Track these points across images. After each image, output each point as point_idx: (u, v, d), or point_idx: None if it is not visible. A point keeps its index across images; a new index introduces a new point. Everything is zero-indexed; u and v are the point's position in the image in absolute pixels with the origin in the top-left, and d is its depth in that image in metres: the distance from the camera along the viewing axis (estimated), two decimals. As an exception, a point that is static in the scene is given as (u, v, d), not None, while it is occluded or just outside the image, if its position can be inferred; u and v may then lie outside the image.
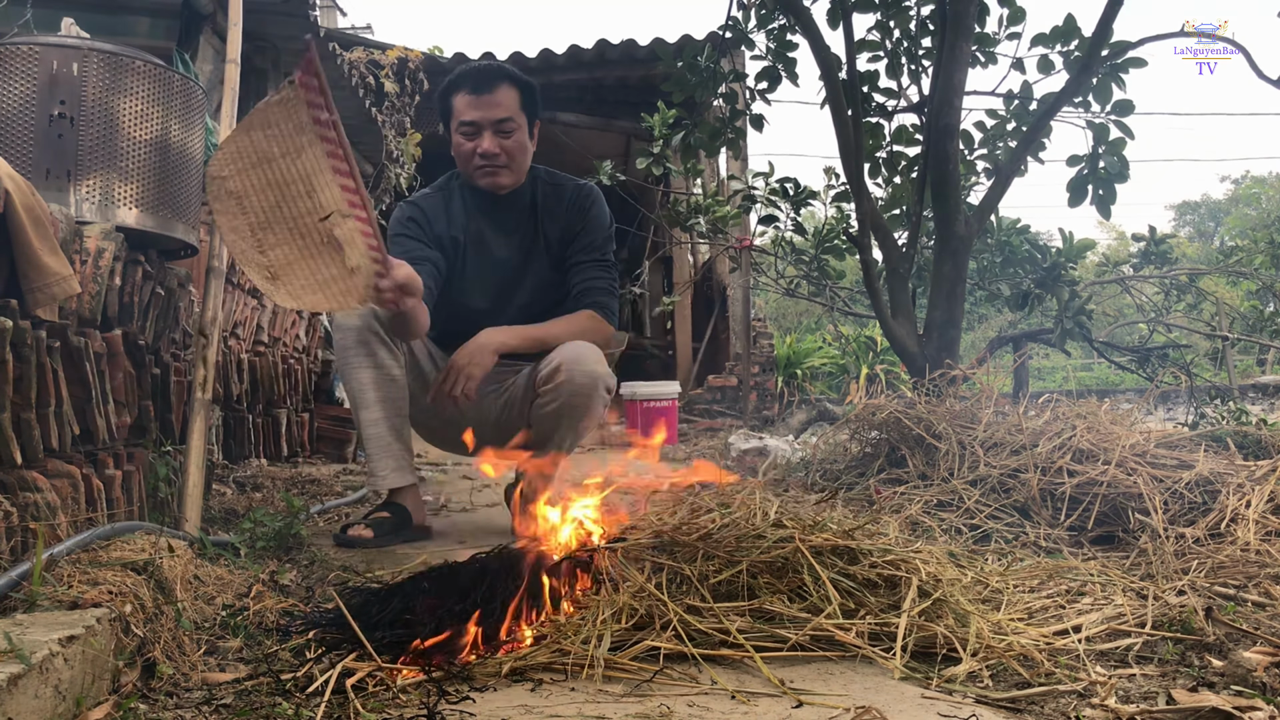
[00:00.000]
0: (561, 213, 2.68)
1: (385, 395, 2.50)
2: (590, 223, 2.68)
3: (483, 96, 2.52)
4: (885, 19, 4.14)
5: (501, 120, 2.54)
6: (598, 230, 2.69)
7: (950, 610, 1.51)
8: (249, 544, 2.16)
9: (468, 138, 2.56)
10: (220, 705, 1.25)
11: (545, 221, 2.68)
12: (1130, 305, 6.22)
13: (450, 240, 2.64)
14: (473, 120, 2.54)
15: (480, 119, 2.54)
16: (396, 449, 2.54)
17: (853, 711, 1.21)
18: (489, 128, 2.54)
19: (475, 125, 2.55)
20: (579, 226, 2.67)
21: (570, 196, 2.69)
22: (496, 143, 2.55)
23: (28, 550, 1.60)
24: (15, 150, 2.14)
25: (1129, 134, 3.83)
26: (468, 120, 2.55)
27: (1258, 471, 2.38)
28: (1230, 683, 1.31)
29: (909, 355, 3.65)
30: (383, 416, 2.50)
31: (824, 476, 3.11)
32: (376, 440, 2.52)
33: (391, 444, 2.53)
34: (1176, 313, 5.58)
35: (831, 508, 1.80)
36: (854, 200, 3.87)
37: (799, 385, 9.83)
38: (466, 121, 2.55)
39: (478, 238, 2.66)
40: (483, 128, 2.54)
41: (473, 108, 2.54)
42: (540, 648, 1.43)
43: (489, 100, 2.53)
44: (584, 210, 2.68)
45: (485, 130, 2.54)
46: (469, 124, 2.55)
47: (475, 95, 2.53)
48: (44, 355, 1.82)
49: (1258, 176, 28.27)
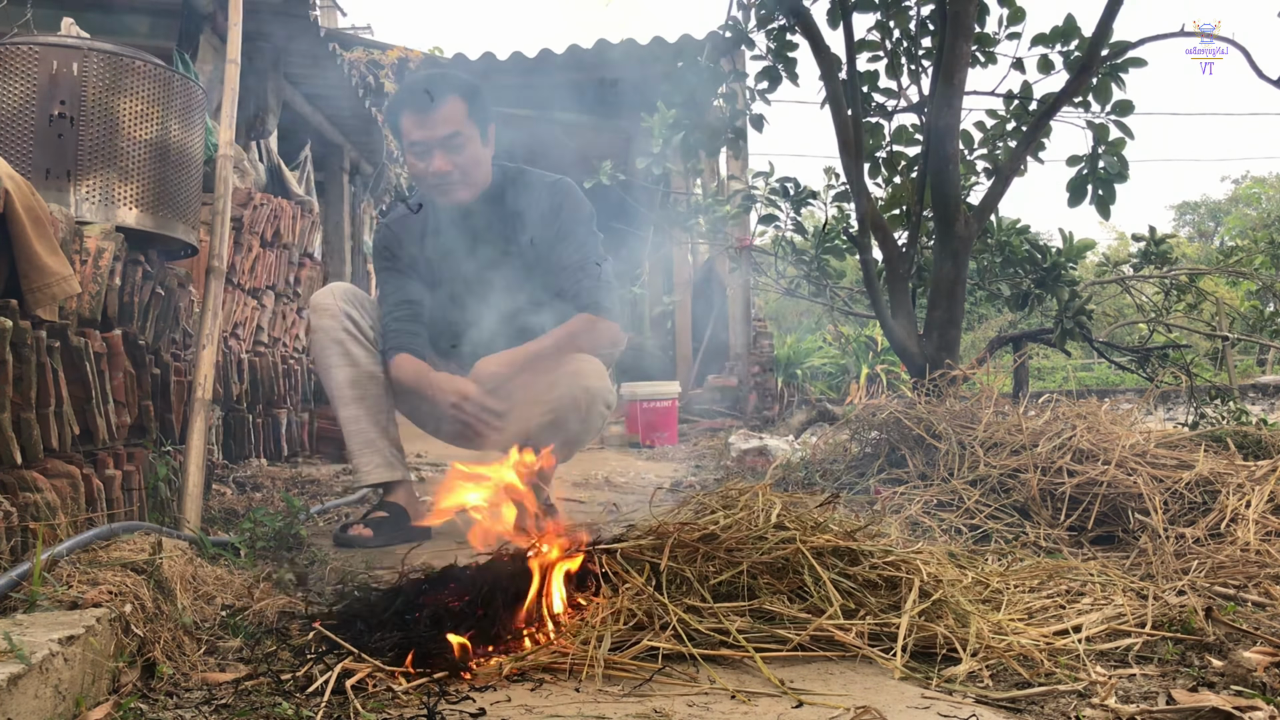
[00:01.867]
0: (533, 215, 2.63)
1: (364, 393, 2.52)
2: (564, 223, 2.61)
3: (427, 115, 2.47)
4: (885, 19, 4.14)
5: (449, 136, 2.48)
6: (575, 226, 2.62)
7: (950, 610, 1.51)
8: (249, 544, 2.16)
9: (419, 157, 2.52)
10: (220, 705, 1.25)
11: (514, 224, 2.63)
12: (1130, 305, 6.22)
13: (422, 258, 2.65)
14: (420, 140, 2.50)
15: (427, 138, 2.49)
16: (381, 444, 2.55)
17: (853, 711, 1.21)
18: (437, 145, 2.49)
19: (423, 144, 2.50)
20: (554, 226, 2.61)
21: (540, 197, 2.63)
22: (447, 159, 2.50)
23: (28, 550, 1.60)
24: (15, 150, 2.14)
25: (1129, 134, 3.83)
26: (415, 141, 2.50)
27: (1258, 471, 2.38)
28: (1230, 683, 1.31)
29: (909, 355, 3.65)
30: (363, 414, 2.53)
31: (824, 477, 3.11)
32: (358, 436, 2.54)
33: (375, 439, 2.54)
34: (1176, 313, 5.57)
35: (833, 509, 1.80)
36: (854, 200, 3.87)
37: (799, 385, 9.83)
38: (414, 142, 2.51)
39: (447, 251, 2.64)
40: (431, 146, 2.49)
41: (418, 127, 2.49)
42: (540, 648, 1.43)
43: (433, 118, 2.47)
44: (556, 209, 2.62)
45: (434, 149, 2.49)
46: (417, 144, 2.51)
47: (419, 114, 2.48)
48: (44, 355, 1.82)
49: (1258, 176, 28.27)
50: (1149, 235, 5.08)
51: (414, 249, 2.65)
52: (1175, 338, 5.65)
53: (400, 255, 2.65)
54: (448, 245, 2.64)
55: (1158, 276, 5.36)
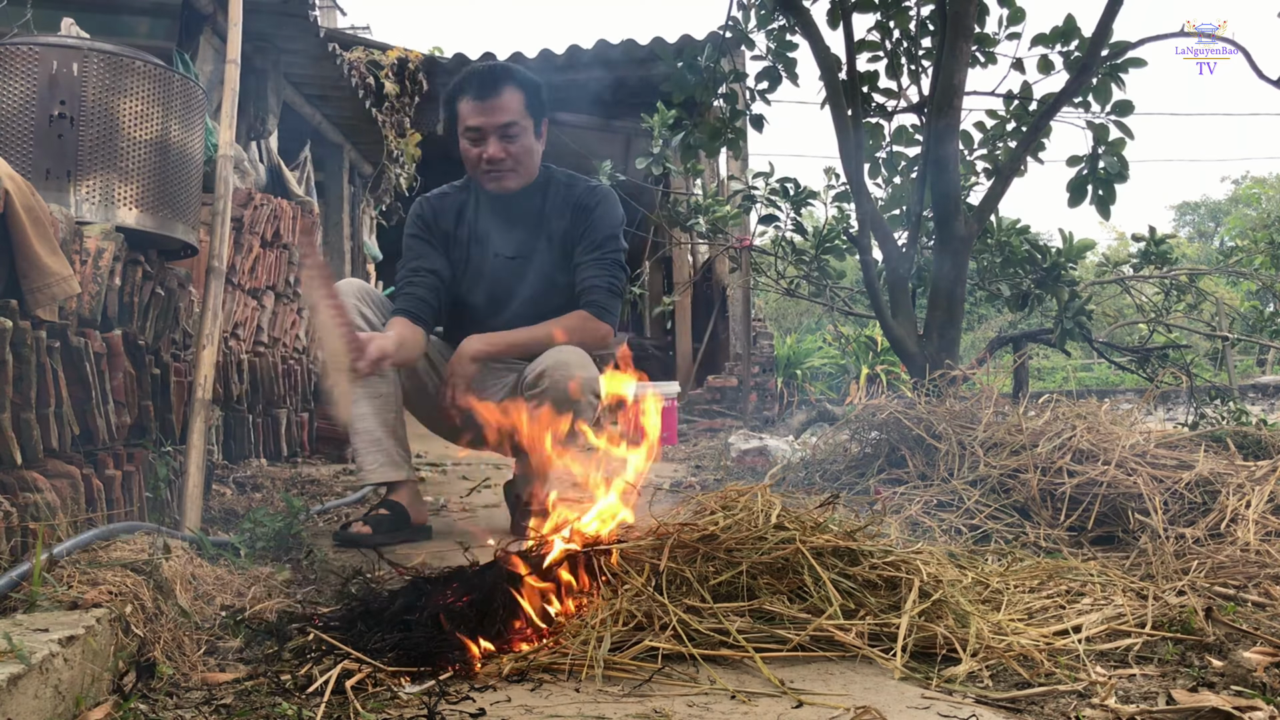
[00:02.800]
0: (568, 211, 2.68)
1: (372, 392, 2.52)
2: (594, 221, 2.66)
3: (487, 101, 2.52)
4: (885, 19, 4.14)
5: (506, 125, 2.54)
6: (602, 228, 2.67)
7: (950, 611, 1.51)
8: (249, 544, 2.16)
9: (473, 143, 2.57)
10: (220, 705, 1.25)
11: (551, 220, 2.68)
12: (1130, 305, 6.22)
13: (455, 238, 2.68)
14: (477, 126, 2.54)
15: (484, 124, 2.54)
16: (387, 444, 2.55)
17: (852, 711, 1.21)
18: (493, 133, 2.54)
19: (480, 131, 2.54)
20: (583, 225, 2.66)
21: (578, 196, 2.69)
22: (502, 147, 2.55)
23: (28, 550, 1.60)
24: (15, 150, 2.14)
25: (1129, 134, 3.83)
26: (472, 126, 2.55)
27: (1258, 472, 2.38)
28: (1230, 683, 1.31)
29: (909, 355, 3.65)
30: (370, 412, 2.53)
31: (824, 477, 3.11)
32: (365, 435, 2.55)
33: (381, 439, 2.55)
34: (1176, 313, 5.57)
35: (833, 509, 1.80)
36: (854, 200, 3.87)
37: (799, 385, 9.83)
38: (471, 127, 2.55)
39: (482, 235, 2.68)
40: (487, 133, 2.54)
41: (477, 113, 2.54)
42: (540, 648, 1.43)
43: (493, 105, 2.52)
44: (589, 209, 2.67)
45: (490, 135, 2.54)
46: (473, 129, 2.55)
47: (479, 100, 2.53)
48: (44, 355, 1.82)
49: (1258, 176, 28.27)
50: (1149, 235, 5.08)
51: (449, 227, 2.68)
52: (1175, 338, 5.65)
53: (434, 229, 2.68)
54: (486, 230, 2.68)
55: (1158, 276, 5.36)
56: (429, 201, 2.73)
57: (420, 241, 2.67)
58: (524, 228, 2.68)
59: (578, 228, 2.67)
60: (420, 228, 2.69)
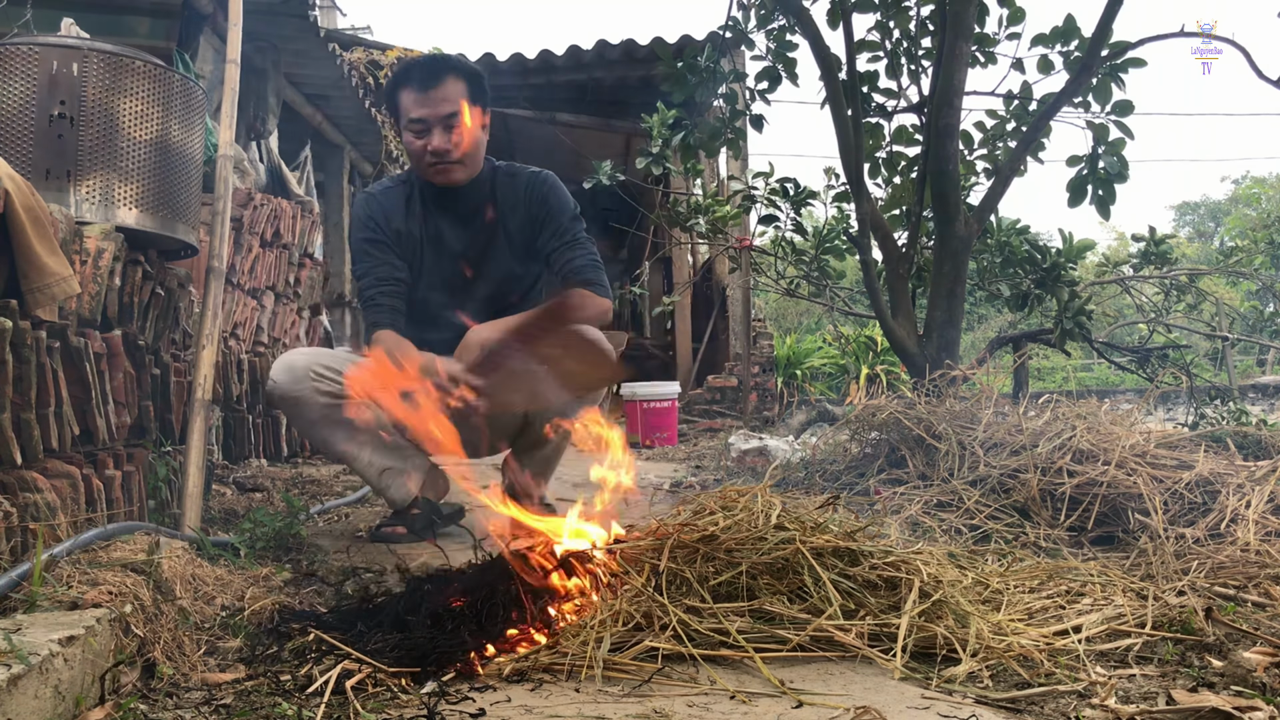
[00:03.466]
0: (519, 203, 2.64)
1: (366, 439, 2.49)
2: (553, 209, 2.64)
3: (429, 93, 2.46)
4: (885, 19, 4.14)
5: (450, 115, 2.47)
6: (562, 214, 2.64)
7: (950, 611, 1.51)
8: (249, 544, 2.16)
9: (417, 135, 2.50)
10: (220, 705, 1.25)
11: (504, 213, 2.64)
12: (1130, 305, 6.21)
13: (407, 235, 2.60)
14: (421, 117, 2.48)
15: (428, 115, 2.47)
16: (396, 465, 2.54)
17: (852, 712, 1.21)
18: (438, 124, 2.48)
19: (424, 122, 2.48)
20: (542, 215, 2.63)
21: (526, 185, 2.65)
22: (447, 139, 2.48)
23: (28, 550, 1.60)
24: (15, 150, 2.14)
25: (1129, 134, 3.83)
26: (416, 118, 2.48)
27: (1258, 472, 2.38)
28: (1230, 683, 1.31)
29: (909, 355, 3.65)
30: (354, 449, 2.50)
31: (824, 477, 3.11)
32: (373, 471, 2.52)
33: (390, 465, 2.53)
34: (1176, 313, 5.58)
35: (833, 509, 1.80)
36: (854, 200, 3.87)
37: (799, 385, 9.83)
38: (415, 119, 2.48)
39: (435, 233, 2.61)
40: (432, 124, 2.48)
41: (420, 104, 2.47)
42: (540, 649, 1.43)
43: (436, 96, 2.46)
44: (543, 198, 2.64)
45: (434, 127, 2.48)
46: (417, 121, 2.48)
47: (421, 92, 2.46)
48: (44, 355, 1.82)
49: (1258, 176, 28.28)
50: (1149, 235, 5.08)
51: (400, 225, 2.59)
52: (1175, 338, 5.65)
53: (386, 229, 2.58)
54: (437, 226, 2.61)
55: (1158, 277, 5.36)
56: (375, 200, 2.62)
57: (377, 245, 2.56)
58: (477, 222, 2.62)
59: (535, 218, 2.63)
60: (374, 229, 2.57)
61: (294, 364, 2.44)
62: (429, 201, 2.62)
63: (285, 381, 2.42)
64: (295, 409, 2.45)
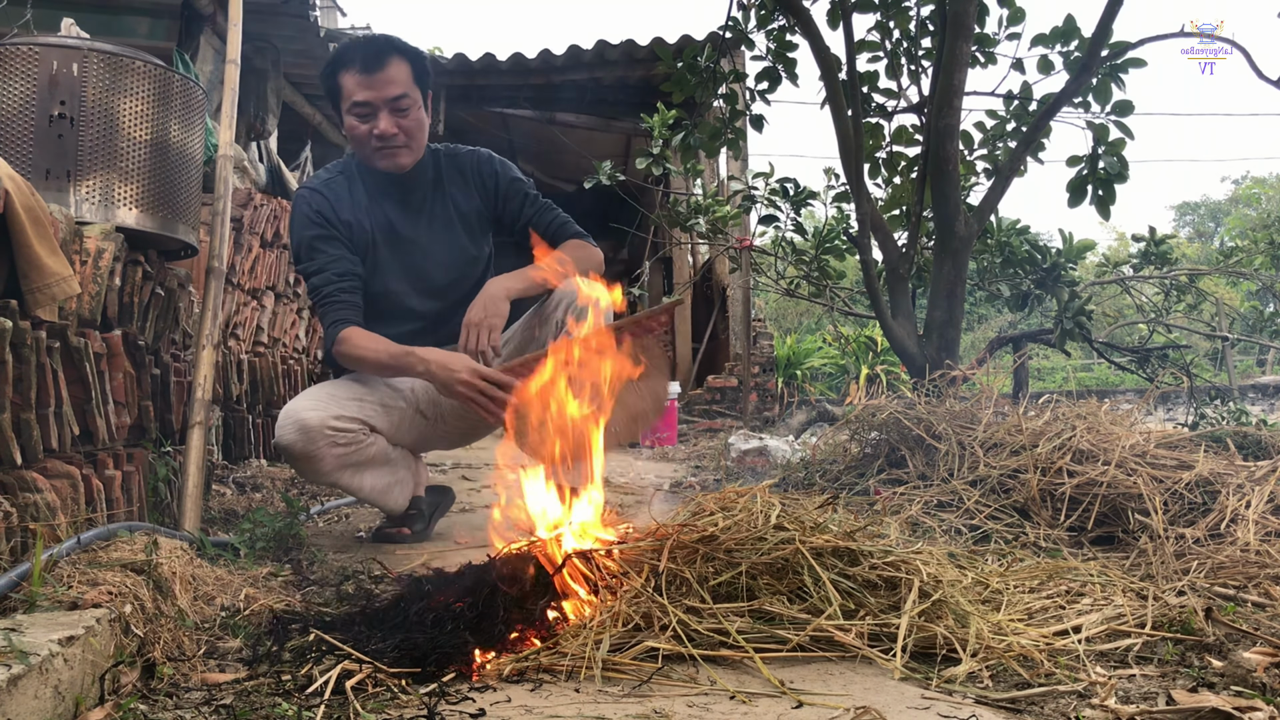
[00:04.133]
0: (466, 181, 2.60)
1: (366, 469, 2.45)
2: (507, 180, 2.61)
3: (374, 75, 2.37)
4: (885, 19, 4.14)
5: (396, 98, 2.39)
6: (520, 183, 2.61)
7: (950, 611, 1.51)
8: (249, 544, 2.16)
9: (361, 119, 2.41)
10: (220, 705, 1.25)
11: (453, 194, 2.59)
12: (1130, 305, 6.22)
13: (358, 227, 2.49)
14: (365, 100, 2.39)
15: (373, 98, 2.39)
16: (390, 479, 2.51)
17: (852, 712, 1.21)
18: (383, 107, 2.40)
19: (369, 105, 2.39)
20: (497, 188, 2.60)
21: (469, 164, 2.60)
22: (393, 122, 2.41)
23: (28, 550, 1.60)
24: (15, 150, 2.14)
25: (1129, 134, 3.83)
26: (360, 101, 2.39)
27: (1258, 472, 2.38)
28: (1230, 683, 1.31)
29: (909, 355, 3.65)
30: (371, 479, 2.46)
31: (824, 477, 3.11)
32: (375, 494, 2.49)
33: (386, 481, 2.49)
34: (1176, 313, 5.58)
35: (832, 509, 1.80)
36: (854, 200, 3.87)
37: (799, 386, 9.83)
38: (359, 102, 2.39)
39: (385, 222, 2.53)
40: (377, 108, 2.40)
41: (364, 87, 2.38)
42: (540, 649, 1.43)
43: (381, 78, 2.38)
44: (493, 173, 2.60)
45: (380, 110, 2.40)
46: (362, 104, 2.39)
47: (366, 74, 2.38)
48: (44, 355, 1.82)
49: (1258, 177, 28.28)
50: (1149, 236, 5.08)
51: (349, 216, 2.48)
52: (1175, 338, 5.65)
53: (336, 222, 2.45)
54: (385, 215, 2.53)
55: (1158, 277, 5.36)
56: (319, 194, 2.48)
57: (328, 241, 2.43)
58: (423, 207, 2.57)
59: (490, 192, 2.60)
60: (322, 223, 2.44)
61: (307, 424, 2.30)
62: (374, 190, 2.53)
63: (300, 443, 2.30)
64: (308, 465, 2.34)
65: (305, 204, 2.46)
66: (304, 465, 2.34)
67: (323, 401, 2.36)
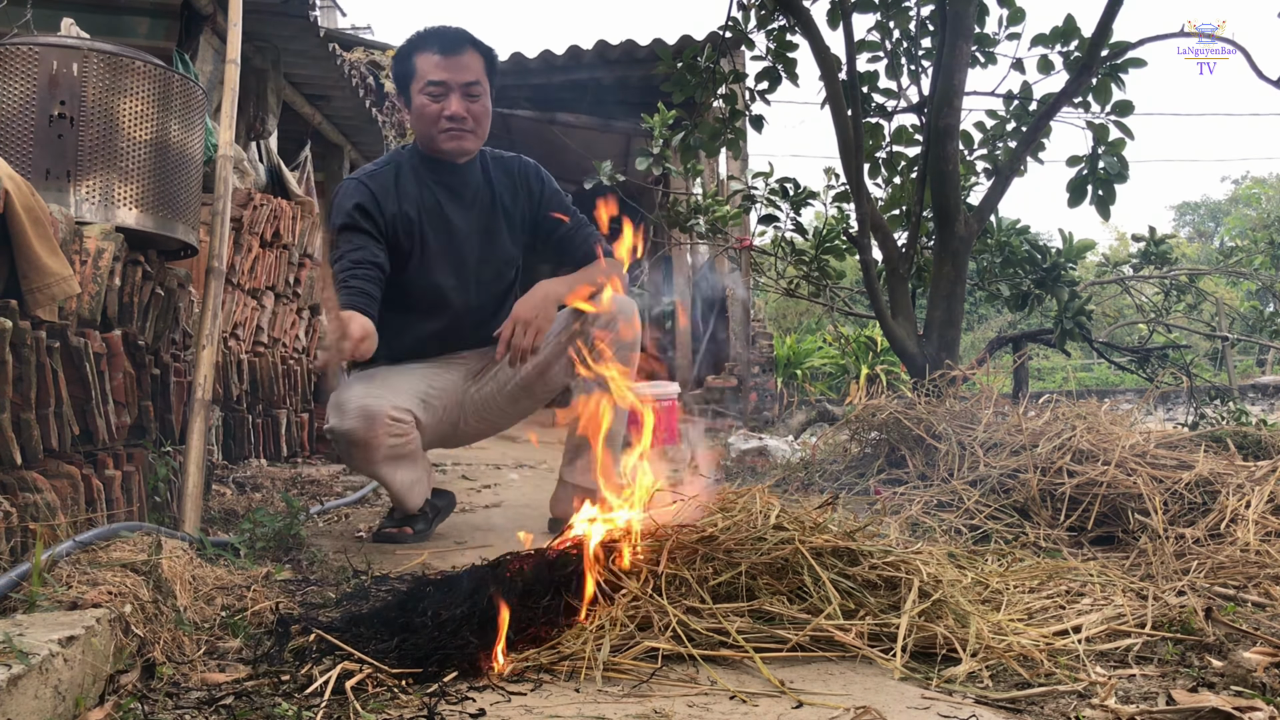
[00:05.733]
0: (515, 185, 2.66)
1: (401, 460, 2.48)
2: (553, 190, 2.70)
3: (451, 58, 2.45)
4: (885, 19, 4.14)
5: (470, 83, 2.48)
6: (562, 195, 2.72)
7: (950, 611, 1.51)
8: (249, 544, 2.16)
9: (433, 99, 2.47)
10: (220, 705, 1.25)
11: (500, 192, 2.64)
12: (1130, 305, 6.22)
13: (403, 217, 2.52)
14: (441, 80, 2.45)
15: (449, 80, 2.46)
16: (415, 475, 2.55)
17: (852, 712, 1.21)
18: (457, 89, 2.47)
19: (444, 86, 2.46)
20: (542, 196, 2.68)
21: (517, 169, 2.69)
22: (464, 105, 2.47)
23: (28, 550, 1.60)
24: (15, 150, 2.14)
25: (1129, 134, 3.83)
26: (436, 80, 2.45)
27: (1258, 472, 2.38)
28: (1230, 683, 1.31)
29: (909, 355, 3.65)
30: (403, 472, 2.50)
31: (824, 477, 3.11)
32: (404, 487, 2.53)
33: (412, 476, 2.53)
34: (1176, 313, 5.58)
35: (832, 509, 1.80)
36: (854, 200, 3.87)
37: (799, 386, 9.83)
38: (435, 81, 2.45)
39: (434, 210, 2.56)
40: (451, 89, 2.46)
41: (441, 69, 2.45)
42: (541, 649, 1.43)
43: (458, 62, 2.46)
44: (540, 179, 2.69)
45: (453, 92, 2.47)
46: (437, 84, 2.46)
47: (444, 56, 2.45)
48: (44, 355, 1.82)
49: (1258, 177, 28.28)
50: (1149, 235, 5.08)
51: (394, 208, 2.51)
52: (1175, 338, 5.65)
53: (376, 215, 2.47)
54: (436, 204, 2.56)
55: (1158, 277, 5.36)
56: (365, 186, 2.50)
57: (358, 233, 2.44)
58: (474, 201, 2.60)
59: (534, 199, 2.67)
60: (360, 215, 2.45)
61: (372, 411, 2.35)
62: (425, 179, 2.56)
63: (362, 429, 2.34)
64: (363, 452, 2.38)
65: (351, 195, 2.49)
66: (359, 452, 2.39)
67: (382, 391, 2.42)
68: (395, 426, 2.39)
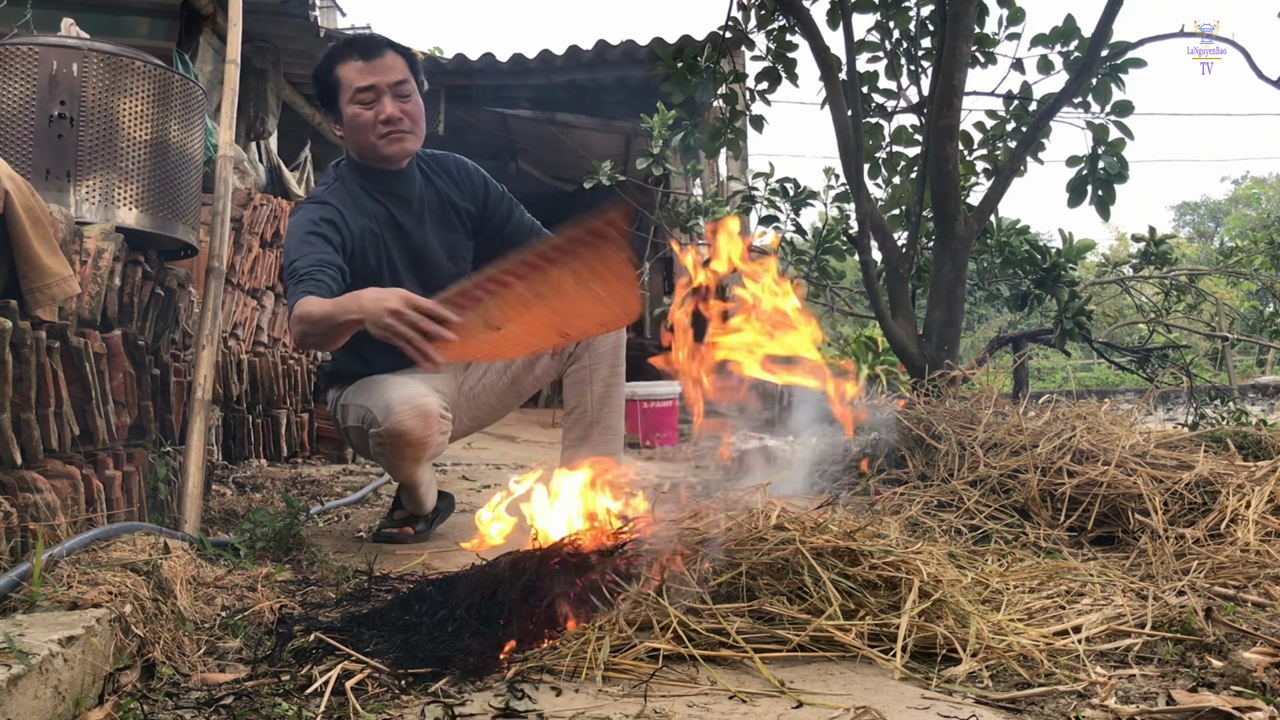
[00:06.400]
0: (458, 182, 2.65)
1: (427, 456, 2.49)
2: (490, 182, 2.70)
3: (374, 61, 2.41)
4: (885, 19, 4.14)
5: (398, 82, 2.43)
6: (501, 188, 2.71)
7: (950, 611, 1.51)
8: (249, 544, 2.16)
9: (366, 106, 2.42)
10: (220, 705, 1.25)
11: (448, 192, 2.62)
12: (1130, 305, 6.22)
13: (368, 231, 2.47)
14: (369, 85, 2.40)
15: (378, 83, 2.41)
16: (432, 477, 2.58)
17: (852, 712, 1.21)
18: (387, 91, 2.42)
19: (373, 90, 2.41)
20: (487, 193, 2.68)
21: (455, 166, 2.67)
22: (398, 106, 2.43)
23: (28, 550, 1.60)
24: (15, 150, 2.14)
25: (1129, 134, 3.83)
26: (364, 86, 2.40)
27: (1258, 472, 2.37)
28: (1230, 683, 1.31)
29: (909, 356, 3.65)
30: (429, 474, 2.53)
31: (824, 477, 3.11)
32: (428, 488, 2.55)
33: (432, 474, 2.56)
34: (1176, 313, 5.58)
35: (832, 509, 1.80)
36: (854, 200, 3.87)
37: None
38: (363, 87, 2.40)
39: (390, 220, 2.52)
40: (382, 92, 2.42)
41: (366, 74, 2.40)
42: (541, 649, 1.43)
43: (381, 64, 2.41)
44: (481, 177, 2.69)
45: (384, 95, 2.42)
46: (365, 89, 2.40)
47: (366, 61, 2.41)
48: (44, 355, 1.82)
49: (1258, 177, 28.28)
50: (1149, 236, 5.08)
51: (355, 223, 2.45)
52: (1175, 338, 5.65)
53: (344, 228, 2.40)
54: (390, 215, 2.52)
55: (1158, 277, 5.36)
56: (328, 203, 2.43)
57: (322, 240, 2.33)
58: (423, 207, 2.58)
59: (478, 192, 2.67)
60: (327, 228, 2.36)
61: (428, 410, 2.30)
62: (372, 191, 2.52)
63: (419, 428, 2.29)
64: (415, 451, 2.34)
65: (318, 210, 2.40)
66: (411, 452, 2.34)
67: (429, 389, 2.39)
68: (444, 424, 2.38)
